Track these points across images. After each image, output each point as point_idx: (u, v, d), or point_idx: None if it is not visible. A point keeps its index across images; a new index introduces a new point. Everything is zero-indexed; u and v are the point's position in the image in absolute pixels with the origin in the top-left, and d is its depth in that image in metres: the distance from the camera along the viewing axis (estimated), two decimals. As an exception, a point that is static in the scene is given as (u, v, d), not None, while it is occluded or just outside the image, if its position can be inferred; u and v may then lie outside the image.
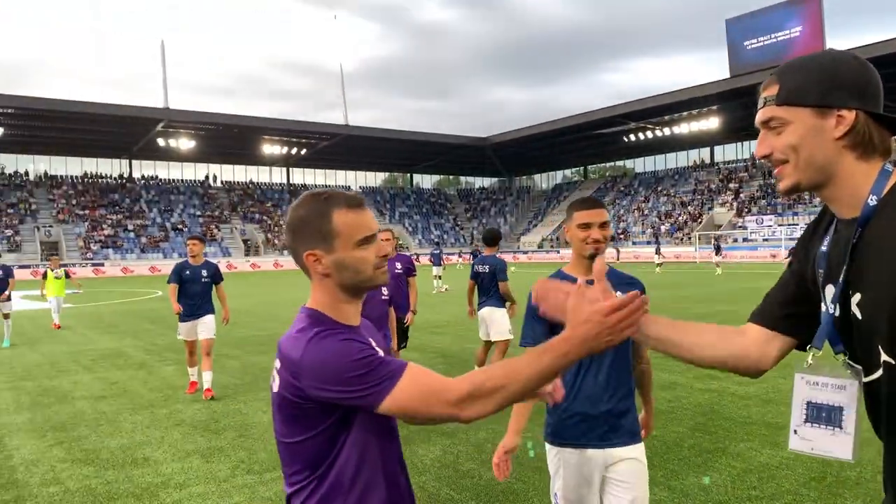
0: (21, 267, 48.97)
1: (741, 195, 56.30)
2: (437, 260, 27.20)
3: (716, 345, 1.46)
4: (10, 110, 50.07)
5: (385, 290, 5.86)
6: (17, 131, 55.02)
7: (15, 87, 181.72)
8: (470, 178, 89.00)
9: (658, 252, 36.54)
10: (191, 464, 5.24)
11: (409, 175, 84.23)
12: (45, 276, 16.06)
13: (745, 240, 50.11)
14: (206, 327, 7.94)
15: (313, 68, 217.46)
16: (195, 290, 7.86)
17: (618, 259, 35.40)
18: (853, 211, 1.24)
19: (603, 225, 2.63)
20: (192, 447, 5.68)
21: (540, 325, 2.49)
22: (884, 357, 1.19)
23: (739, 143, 64.60)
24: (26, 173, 61.35)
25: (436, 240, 71.10)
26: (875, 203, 1.20)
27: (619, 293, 1.37)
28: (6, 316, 13.11)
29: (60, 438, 6.08)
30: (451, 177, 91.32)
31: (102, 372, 9.52)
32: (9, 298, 12.97)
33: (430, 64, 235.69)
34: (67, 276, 16.80)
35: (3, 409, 7.38)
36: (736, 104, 49.97)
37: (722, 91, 47.94)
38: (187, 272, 7.88)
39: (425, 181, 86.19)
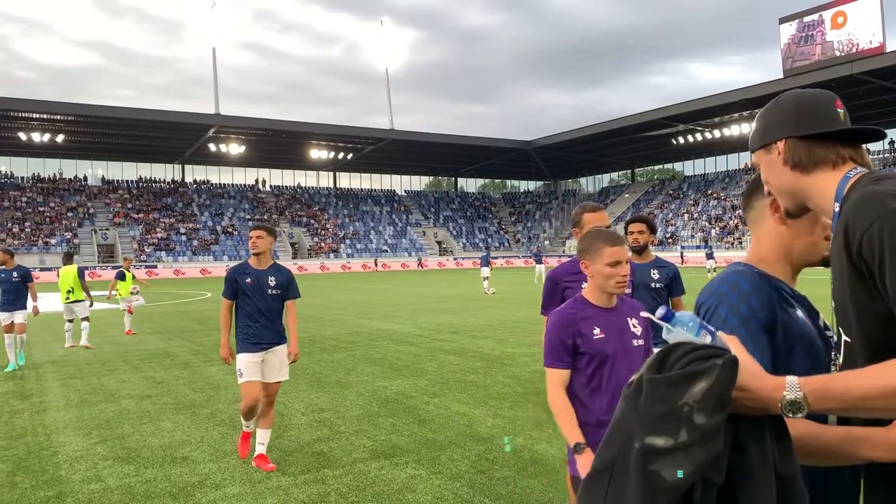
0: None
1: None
2: (484, 262, 27.45)
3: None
4: (70, 118, 52.04)
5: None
6: (77, 138, 57.15)
7: (75, 96, 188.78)
8: (514, 182, 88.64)
9: (711, 257, 35.36)
10: (227, 464, 5.28)
11: (453, 179, 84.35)
12: (121, 276, 15.04)
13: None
14: (276, 365, 5.37)
15: (358, 74, 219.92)
16: (260, 308, 5.23)
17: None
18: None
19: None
20: (230, 447, 5.73)
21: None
22: (843, 338, 1.32)
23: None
24: (85, 178, 63.59)
25: (480, 243, 70.97)
26: (838, 209, 1.33)
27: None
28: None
29: (104, 436, 6.21)
30: (495, 180, 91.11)
31: (149, 371, 9.73)
32: (35, 313, 11.08)
33: (473, 68, 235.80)
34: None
35: (52, 405, 7.59)
36: (790, 105, 48.48)
37: (774, 92, 46.36)
38: (248, 280, 5.27)
39: (470, 185, 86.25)
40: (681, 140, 62.15)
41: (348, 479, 4.85)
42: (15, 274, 10.51)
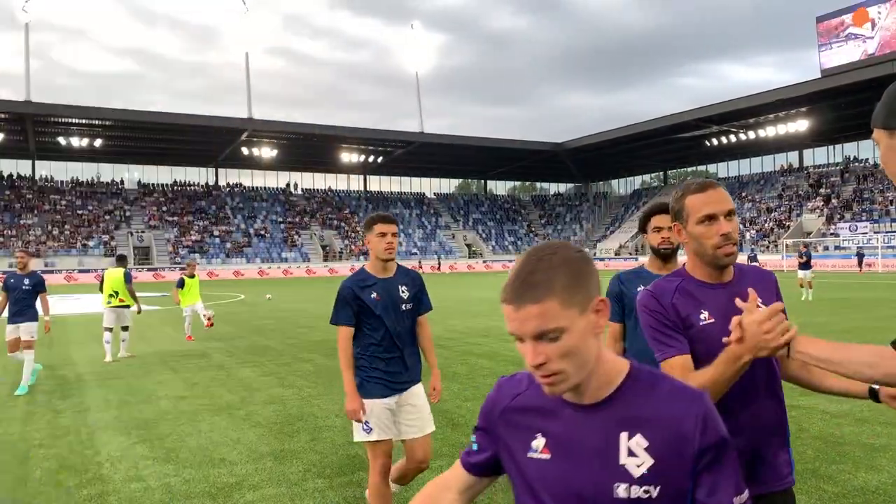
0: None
1: (832, 201, 53.50)
2: None
3: (877, 365, 1.54)
4: (107, 123, 53.23)
5: None
6: (114, 142, 58.41)
7: (111, 102, 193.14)
8: (545, 184, 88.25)
9: (755, 260, 34.44)
10: (264, 465, 5.33)
11: (483, 181, 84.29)
12: (181, 284, 13.83)
13: (836, 248, 47.53)
14: (419, 413, 3.94)
15: (387, 79, 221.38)
16: (393, 331, 3.81)
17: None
18: None
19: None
20: (266, 449, 5.79)
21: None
22: None
23: (831, 147, 61.42)
24: (122, 182, 64.94)
25: (510, 246, 70.75)
26: None
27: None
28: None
29: (144, 436, 6.33)
30: (525, 183, 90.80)
31: (185, 373, 9.88)
32: (46, 329, 9.35)
33: (501, 71, 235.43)
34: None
35: (93, 406, 7.76)
36: (827, 105, 47.57)
37: (812, 92, 45.75)
38: (373, 294, 3.79)
39: (499, 187, 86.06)
40: (714, 141, 61.26)
41: (383, 483, 4.86)
42: (26, 281, 9.07)
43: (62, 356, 11.85)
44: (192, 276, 13.94)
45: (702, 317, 1.94)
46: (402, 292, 3.86)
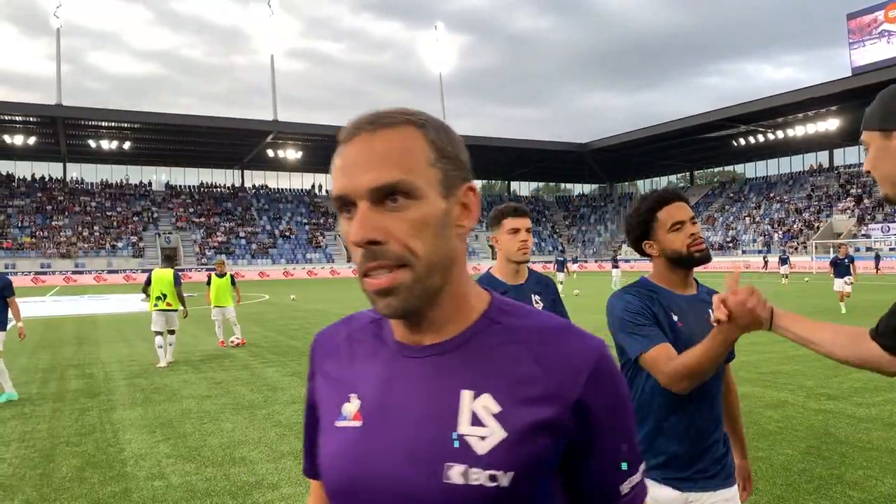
0: (144, 271, 52.61)
1: (864, 202, 52.48)
2: (560, 267, 27.42)
3: (847, 347, 1.59)
4: (136, 125, 54.09)
5: None
6: (143, 144, 59.39)
7: (139, 105, 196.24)
8: (569, 185, 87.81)
9: (787, 262, 33.12)
10: (284, 465, 5.37)
11: (506, 182, 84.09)
12: (208, 281, 13.30)
13: (868, 249, 46.58)
14: None
15: (409, 80, 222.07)
16: None
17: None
18: None
19: None
20: (286, 448, 5.83)
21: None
22: None
23: (862, 146, 60.24)
24: (149, 184, 65.97)
25: (533, 247, 70.54)
26: None
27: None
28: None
29: (167, 434, 6.41)
30: (549, 184, 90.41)
31: (209, 372, 9.99)
32: (21, 335, 8.41)
33: (524, 72, 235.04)
34: (233, 281, 13.33)
35: (119, 404, 7.87)
36: (858, 104, 46.67)
37: (841, 91, 44.93)
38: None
39: (523, 188, 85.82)
40: (742, 141, 60.46)
41: (402, 483, 4.86)
42: None
43: (91, 355, 12.06)
44: (222, 276, 13.08)
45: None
46: (536, 303, 3.08)
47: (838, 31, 48.29)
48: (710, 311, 1.84)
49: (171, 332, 11.17)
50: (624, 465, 0.90)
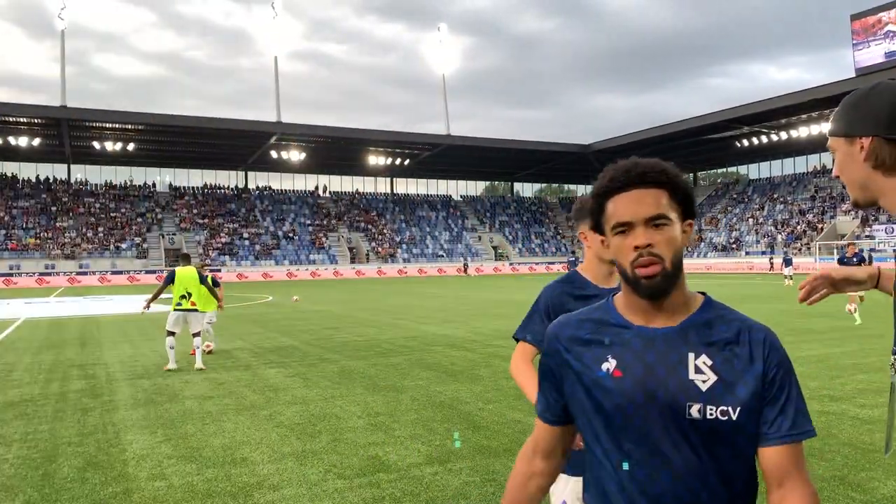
0: (147, 272, 52.69)
1: (868, 202, 52.36)
2: (573, 266, 27.28)
3: None
4: (140, 127, 54.19)
5: None
6: (147, 146, 59.52)
7: (144, 107, 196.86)
8: (572, 186, 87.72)
9: (790, 264, 33.12)
10: (285, 466, 5.37)
11: (510, 183, 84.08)
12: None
13: (871, 250, 46.47)
14: None
15: (413, 82, 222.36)
16: None
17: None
18: None
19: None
20: (287, 449, 5.83)
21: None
22: None
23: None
24: (154, 185, 66.11)
25: (536, 248, 70.43)
26: None
27: None
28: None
29: (169, 435, 6.41)
30: (552, 185, 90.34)
31: (211, 373, 10.00)
32: None
33: (528, 74, 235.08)
34: (215, 283, 12.48)
35: (121, 404, 7.89)
36: (862, 105, 46.45)
37: (845, 92, 44.54)
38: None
39: (526, 189, 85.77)
40: (745, 142, 60.35)
41: (403, 484, 4.86)
42: None
43: (94, 356, 12.08)
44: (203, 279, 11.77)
45: None
46: None
47: (842, 33, 48.12)
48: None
49: (196, 334, 10.39)
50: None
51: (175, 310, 10.41)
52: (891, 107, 1.41)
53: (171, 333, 10.36)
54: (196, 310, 10.45)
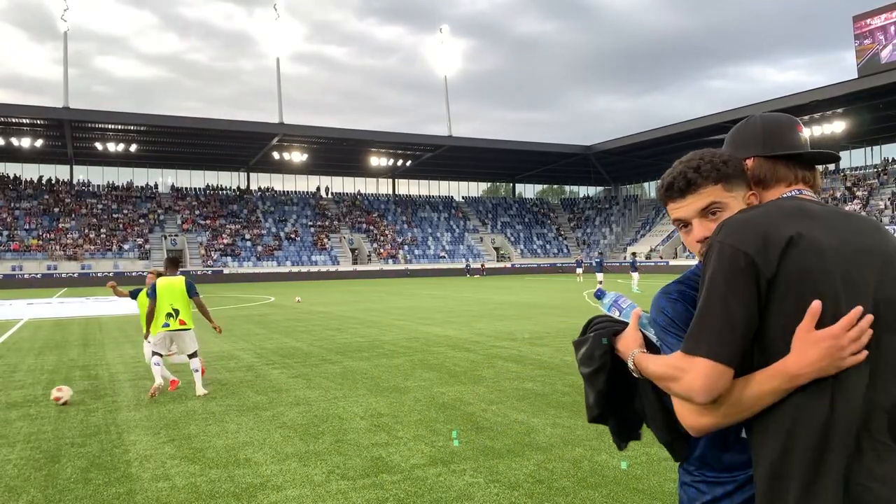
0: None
1: (871, 204, 52.29)
2: (598, 267, 30.04)
3: None
4: (143, 128, 54.24)
5: None
6: (149, 147, 59.57)
7: (146, 108, 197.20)
8: (574, 187, 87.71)
9: None
10: (289, 466, 5.37)
11: (511, 185, 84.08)
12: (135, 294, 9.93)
13: None
14: None
15: (415, 84, 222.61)
16: None
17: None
18: None
19: None
20: (290, 450, 5.83)
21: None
22: None
23: (868, 148, 60.12)
24: (156, 186, 66.15)
25: (538, 249, 70.40)
26: None
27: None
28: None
29: (172, 436, 6.42)
30: (554, 186, 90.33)
31: (214, 373, 10.00)
32: None
33: (529, 75, 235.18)
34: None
35: (124, 405, 7.89)
36: (864, 106, 46.49)
37: (848, 93, 44.76)
38: None
39: (528, 190, 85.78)
40: (747, 144, 60.31)
41: (406, 485, 4.86)
42: None
43: (97, 356, 12.09)
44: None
45: None
46: None
47: (844, 34, 48.08)
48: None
49: (192, 355, 8.54)
50: None
51: (162, 330, 8.49)
52: (764, 128, 1.67)
53: (158, 354, 8.54)
54: (188, 328, 8.53)
